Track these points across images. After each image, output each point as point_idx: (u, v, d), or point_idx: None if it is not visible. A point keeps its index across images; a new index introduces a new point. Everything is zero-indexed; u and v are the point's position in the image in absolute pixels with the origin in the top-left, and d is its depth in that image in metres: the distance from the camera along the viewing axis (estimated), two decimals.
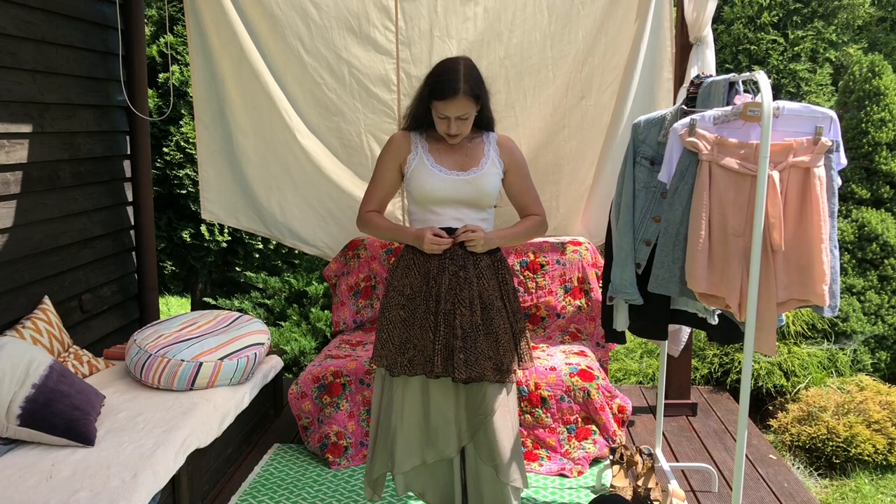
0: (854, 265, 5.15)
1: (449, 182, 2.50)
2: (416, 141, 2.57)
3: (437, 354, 2.45)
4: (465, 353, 2.44)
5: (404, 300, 2.53)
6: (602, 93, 3.94)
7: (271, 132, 4.04)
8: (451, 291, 2.47)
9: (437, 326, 2.46)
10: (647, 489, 2.98)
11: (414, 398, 2.58)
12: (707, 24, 3.60)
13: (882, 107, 5.22)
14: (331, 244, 4.25)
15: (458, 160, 2.54)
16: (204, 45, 3.95)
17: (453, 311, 2.46)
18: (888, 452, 4.03)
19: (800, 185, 2.38)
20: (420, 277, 2.51)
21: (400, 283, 2.55)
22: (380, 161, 2.64)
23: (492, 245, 2.55)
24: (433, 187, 2.49)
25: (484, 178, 2.52)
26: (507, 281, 2.59)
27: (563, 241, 4.06)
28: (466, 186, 2.50)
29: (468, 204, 2.52)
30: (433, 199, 2.51)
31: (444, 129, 2.48)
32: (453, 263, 2.49)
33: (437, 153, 2.54)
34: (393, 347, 2.53)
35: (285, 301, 5.73)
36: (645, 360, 4.95)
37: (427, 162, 2.52)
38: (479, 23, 3.84)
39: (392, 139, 2.62)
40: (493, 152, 2.57)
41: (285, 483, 3.33)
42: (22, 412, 2.57)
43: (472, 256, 2.52)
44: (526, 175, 2.65)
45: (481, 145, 2.58)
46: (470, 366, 2.44)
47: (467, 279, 2.48)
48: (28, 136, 3.39)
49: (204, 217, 4.22)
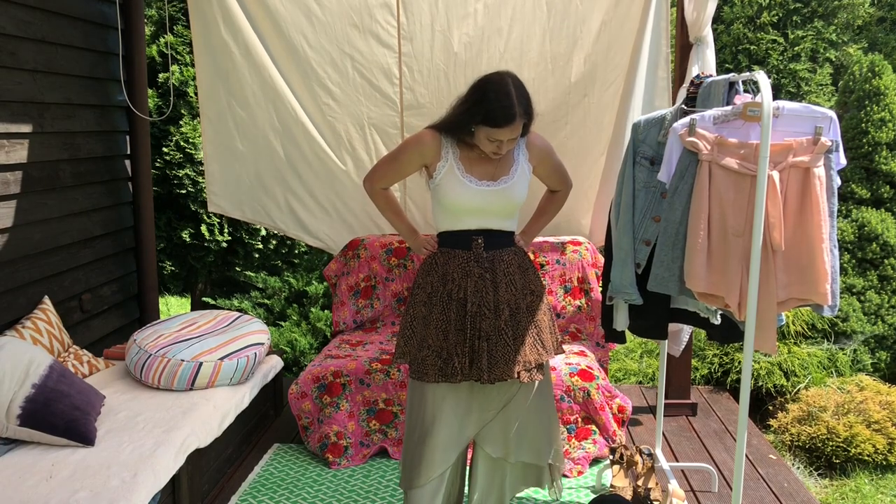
0: (854, 265, 5.15)
1: (478, 194, 2.45)
2: (446, 146, 2.48)
3: (464, 356, 2.42)
4: (489, 355, 2.42)
5: (426, 298, 2.51)
6: (604, 90, 3.96)
7: (275, 126, 4.12)
8: (476, 294, 2.44)
9: (464, 329, 2.43)
10: (647, 489, 2.98)
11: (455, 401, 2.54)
12: (707, 23, 3.60)
13: (882, 107, 5.22)
14: (334, 237, 4.31)
15: (488, 170, 2.47)
16: (208, 40, 3.99)
17: (479, 315, 2.43)
18: (888, 452, 4.03)
19: (800, 184, 2.38)
20: (438, 279, 2.49)
21: (423, 281, 2.54)
22: (404, 149, 2.57)
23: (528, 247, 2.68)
24: (463, 199, 2.45)
25: (513, 189, 2.48)
26: (531, 274, 2.57)
27: (563, 241, 4.07)
28: (496, 197, 2.46)
29: (496, 213, 2.49)
30: (462, 210, 2.47)
31: (493, 150, 2.41)
32: (479, 266, 2.46)
33: (467, 162, 2.47)
34: (415, 344, 2.51)
35: (285, 301, 5.73)
36: (645, 360, 4.95)
37: (457, 171, 2.45)
38: (479, 18, 3.89)
39: (422, 139, 2.50)
40: (522, 157, 2.52)
41: (285, 483, 3.33)
42: (22, 412, 2.57)
43: (499, 257, 2.49)
44: (554, 158, 2.63)
45: (511, 150, 2.51)
46: (493, 369, 2.42)
47: (494, 281, 2.45)
48: (28, 136, 3.39)
49: (210, 210, 4.29)
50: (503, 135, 2.35)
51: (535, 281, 2.57)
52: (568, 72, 3.95)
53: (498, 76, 2.38)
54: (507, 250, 2.52)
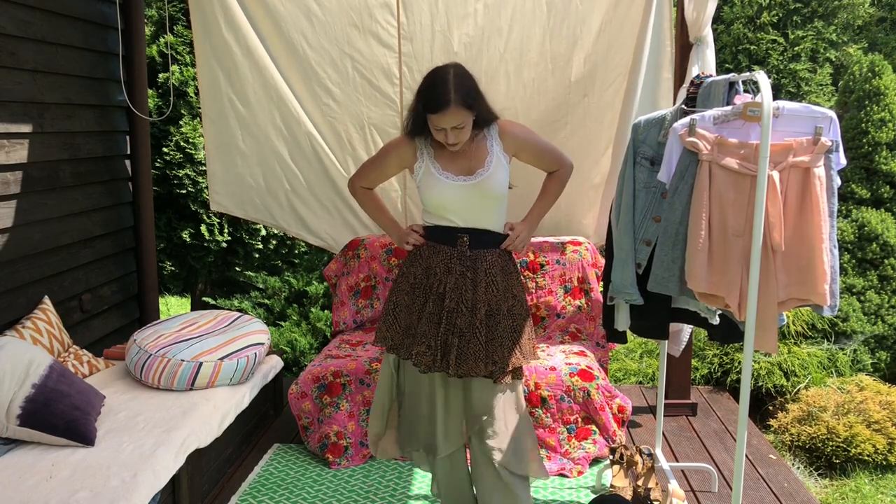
0: (854, 265, 5.15)
1: (457, 190, 2.51)
2: (420, 147, 2.57)
3: (437, 350, 2.49)
4: (458, 350, 2.48)
5: (408, 287, 2.59)
6: (605, 90, 3.97)
7: (277, 125, 4.13)
8: (455, 291, 2.50)
9: (439, 323, 2.50)
10: (647, 489, 2.98)
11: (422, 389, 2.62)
12: (707, 23, 3.60)
13: (882, 107, 5.22)
14: (336, 236, 4.33)
15: (464, 164, 2.53)
16: (210, 39, 4.01)
17: (456, 311, 2.49)
18: (888, 452, 4.03)
19: (800, 184, 2.38)
20: (422, 271, 2.57)
21: (408, 271, 2.61)
22: (383, 154, 2.67)
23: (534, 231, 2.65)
24: (443, 195, 2.52)
25: (491, 180, 2.51)
26: (514, 278, 2.61)
27: (563, 241, 4.07)
28: (475, 191, 2.51)
29: (479, 208, 2.54)
30: (444, 208, 2.54)
31: (443, 140, 2.47)
32: (461, 264, 2.51)
33: (442, 159, 2.54)
34: (399, 329, 2.58)
35: (285, 301, 5.73)
36: (645, 360, 4.95)
37: (434, 170, 2.52)
38: (479, 18, 3.90)
39: (397, 143, 2.62)
40: (496, 147, 2.55)
41: (285, 483, 3.33)
42: (22, 412, 2.57)
43: (482, 257, 2.53)
44: (536, 142, 2.64)
45: (484, 142, 2.56)
46: (461, 364, 2.48)
47: (475, 280, 2.51)
48: (28, 136, 3.39)
49: (213, 209, 4.32)
50: (443, 121, 2.40)
51: (517, 286, 2.61)
52: (568, 72, 3.96)
53: (442, 66, 2.47)
54: (492, 251, 2.56)
